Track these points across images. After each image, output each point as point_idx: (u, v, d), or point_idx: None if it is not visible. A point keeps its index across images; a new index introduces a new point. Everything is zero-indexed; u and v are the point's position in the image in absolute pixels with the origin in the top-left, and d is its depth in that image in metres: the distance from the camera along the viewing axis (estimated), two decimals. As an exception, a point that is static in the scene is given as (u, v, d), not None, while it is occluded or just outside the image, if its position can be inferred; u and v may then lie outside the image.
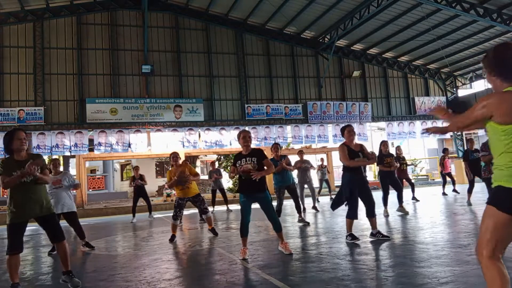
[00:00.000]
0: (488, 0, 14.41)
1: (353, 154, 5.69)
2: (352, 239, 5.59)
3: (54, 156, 15.02)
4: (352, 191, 5.66)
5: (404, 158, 11.29)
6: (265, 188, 5.20)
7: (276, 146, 8.34)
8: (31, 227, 11.32)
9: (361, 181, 5.78)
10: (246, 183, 5.05)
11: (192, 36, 18.12)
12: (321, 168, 14.80)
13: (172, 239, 6.93)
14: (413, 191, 11.52)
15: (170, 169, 7.37)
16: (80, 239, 6.76)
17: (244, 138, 5.17)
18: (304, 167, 10.05)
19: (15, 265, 4.01)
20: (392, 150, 10.30)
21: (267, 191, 5.21)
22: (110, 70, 16.88)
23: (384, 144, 8.82)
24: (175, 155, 7.24)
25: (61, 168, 6.96)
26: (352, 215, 5.66)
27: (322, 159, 15.77)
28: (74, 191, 6.73)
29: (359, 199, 5.74)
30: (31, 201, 4.01)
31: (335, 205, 5.97)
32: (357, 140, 6.01)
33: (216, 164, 15.82)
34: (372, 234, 5.79)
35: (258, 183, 5.04)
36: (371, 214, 5.75)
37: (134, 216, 11.31)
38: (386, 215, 8.23)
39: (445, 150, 13.60)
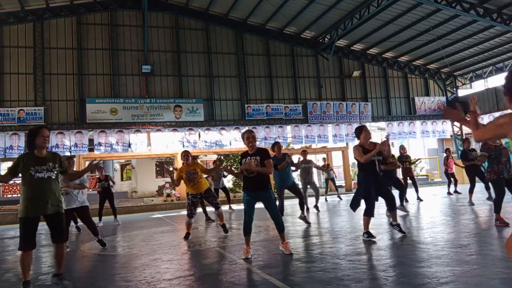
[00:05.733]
0: (488, 0, 14.40)
1: (368, 152, 5.80)
2: (369, 237, 5.64)
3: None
4: (368, 189, 5.73)
5: (408, 156, 11.29)
6: (269, 187, 5.23)
7: (278, 145, 8.36)
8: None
9: (377, 179, 5.82)
10: (250, 180, 5.11)
11: (192, 36, 18.12)
12: (326, 168, 14.86)
13: (186, 237, 7.10)
14: (416, 191, 11.49)
15: (180, 167, 7.44)
16: (93, 235, 6.85)
17: (248, 139, 5.24)
18: (307, 167, 10.03)
19: (28, 262, 4.07)
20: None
21: (271, 191, 5.23)
22: (110, 70, 16.87)
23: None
24: (186, 154, 7.30)
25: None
26: (369, 212, 5.71)
27: (324, 159, 15.84)
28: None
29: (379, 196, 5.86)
30: (44, 197, 4.08)
31: (354, 205, 5.98)
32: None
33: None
34: (391, 224, 5.99)
35: (262, 181, 5.11)
36: (391, 209, 5.88)
37: (100, 220, 10.62)
38: (388, 215, 8.22)
39: (447, 150, 13.57)
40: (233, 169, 5.41)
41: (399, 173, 11.01)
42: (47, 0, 15.92)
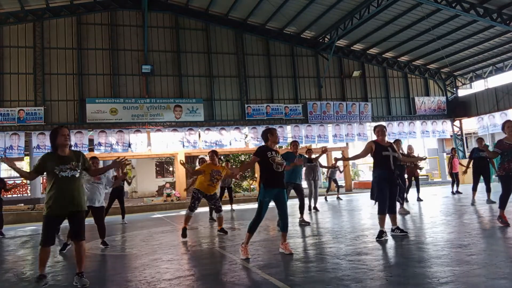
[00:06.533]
0: (488, 0, 14.41)
1: (381, 148, 5.82)
2: (380, 235, 5.64)
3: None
4: (381, 188, 5.72)
5: (415, 157, 11.27)
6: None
7: (295, 143, 8.37)
8: (30, 227, 11.31)
9: (391, 178, 5.80)
10: (279, 175, 5.15)
11: (192, 36, 18.13)
12: (333, 167, 14.81)
13: (183, 234, 7.07)
14: (418, 191, 11.50)
15: (208, 163, 7.53)
16: (100, 237, 6.92)
17: (277, 136, 5.35)
18: (312, 166, 10.04)
19: (46, 257, 4.34)
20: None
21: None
22: (110, 70, 16.88)
23: (397, 143, 8.78)
24: (214, 153, 7.43)
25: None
26: (382, 210, 5.72)
27: (335, 159, 15.72)
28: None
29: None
30: (69, 195, 4.16)
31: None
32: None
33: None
34: (391, 230, 5.93)
35: (283, 178, 5.27)
36: (391, 211, 5.86)
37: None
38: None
39: (452, 150, 13.64)
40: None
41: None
42: (47, 0, 15.93)
